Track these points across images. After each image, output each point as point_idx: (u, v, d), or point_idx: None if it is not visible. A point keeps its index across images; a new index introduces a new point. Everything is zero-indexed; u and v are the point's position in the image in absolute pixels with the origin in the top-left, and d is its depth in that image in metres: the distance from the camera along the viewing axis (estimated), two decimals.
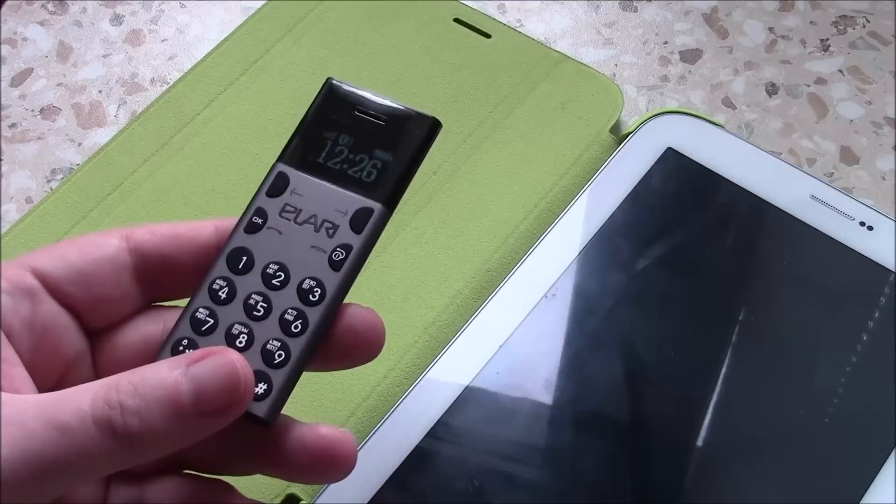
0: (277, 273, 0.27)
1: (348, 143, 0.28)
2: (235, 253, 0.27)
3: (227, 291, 0.27)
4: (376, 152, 0.28)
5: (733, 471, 0.38)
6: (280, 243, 0.27)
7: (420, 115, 0.28)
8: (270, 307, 0.27)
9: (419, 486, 0.37)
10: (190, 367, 0.24)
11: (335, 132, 0.28)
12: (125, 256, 0.27)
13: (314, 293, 0.27)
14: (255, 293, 0.27)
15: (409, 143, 0.28)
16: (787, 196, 0.43)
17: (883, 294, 0.41)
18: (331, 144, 0.28)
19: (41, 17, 0.53)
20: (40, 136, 0.49)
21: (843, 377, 0.39)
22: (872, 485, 0.37)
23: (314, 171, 0.28)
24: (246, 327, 0.27)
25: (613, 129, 0.47)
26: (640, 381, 0.40)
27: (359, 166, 0.28)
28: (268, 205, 0.28)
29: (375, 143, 0.28)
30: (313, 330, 0.27)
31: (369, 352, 0.28)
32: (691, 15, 0.52)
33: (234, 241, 0.27)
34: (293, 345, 0.26)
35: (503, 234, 0.44)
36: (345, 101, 0.28)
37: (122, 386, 0.24)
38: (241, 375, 0.25)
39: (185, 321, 0.27)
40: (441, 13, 0.50)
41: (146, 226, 0.28)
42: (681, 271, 0.42)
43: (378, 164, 0.28)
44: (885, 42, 0.50)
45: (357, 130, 0.28)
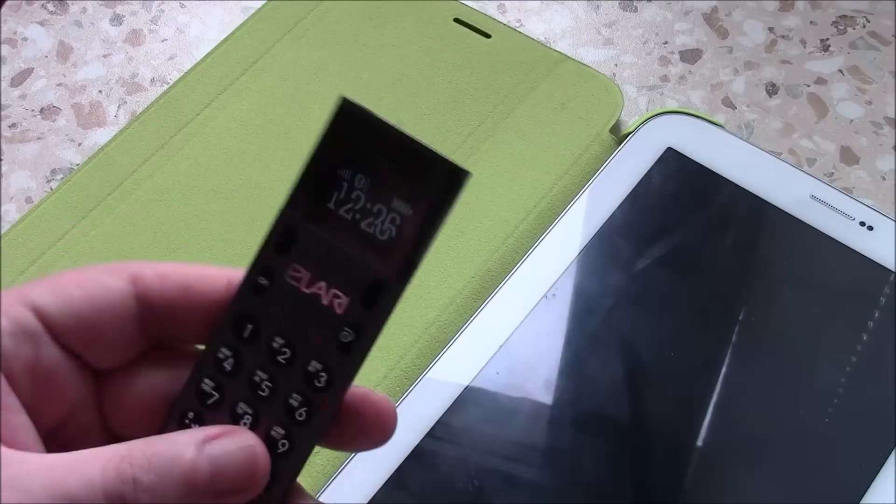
0: (283, 349, 0.25)
1: (364, 186, 0.24)
2: (241, 319, 0.25)
3: (232, 363, 0.25)
4: (395, 203, 0.24)
5: (733, 471, 0.38)
6: (287, 312, 0.25)
7: (447, 163, 0.23)
8: (276, 388, 0.25)
9: (419, 486, 0.37)
10: (207, 445, 0.24)
11: (350, 170, 0.24)
12: (131, 303, 0.26)
13: (320, 378, 0.25)
14: (260, 370, 0.25)
15: (432, 197, 0.23)
16: (787, 196, 0.43)
17: (883, 294, 0.41)
18: (346, 187, 0.24)
19: (41, 17, 0.53)
20: (40, 136, 0.49)
21: (843, 377, 0.39)
22: (872, 485, 0.37)
23: (324, 221, 0.24)
24: (251, 407, 0.25)
25: (613, 129, 0.47)
26: (640, 381, 0.40)
27: (374, 219, 0.24)
28: (274, 262, 0.25)
29: (394, 190, 0.24)
30: (318, 419, 0.25)
31: (378, 440, 0.27)
32: (691, 15, 0.52)
33: (240, 304, 0.25)
34: (297, 434, 0.25)
35: (503, 234, 0.44)
36: (362, 132, 0.24)
37: (135, 459, 0.23)
38: (259, 459, 0.24)
39: (190, 391, 0.26)
40: (441, 13, 0.50)
41: (156, 267, 0.26)
42: (681, 271, 0.42)
43: (396, 218, 0.24)
44: (885, 42, 0.50)
45: (374, 171, 0.24)
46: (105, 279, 0.26)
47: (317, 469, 0.38)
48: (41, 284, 0.26)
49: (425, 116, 0.47)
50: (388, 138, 0.24)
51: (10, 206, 0.47)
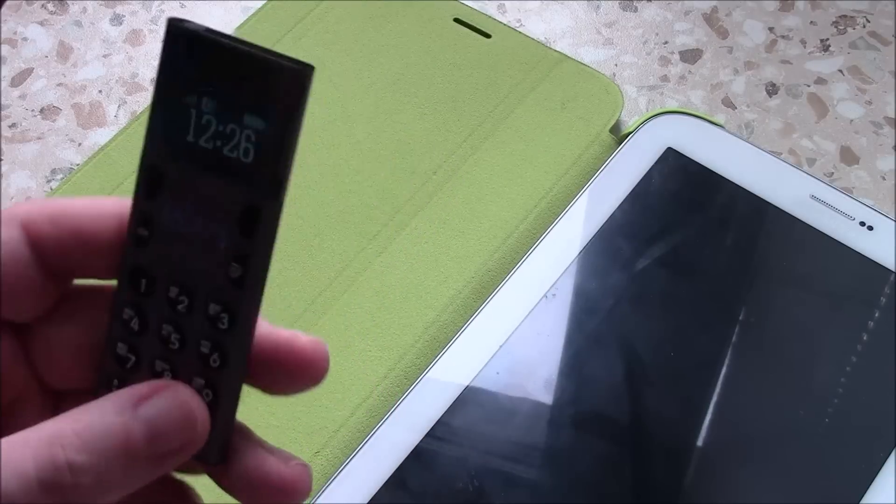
0: (180, 297, 0.24)
1: (213, 108, 0.23)
2: (134, 273, 0.24)
3: (137, 322, 0.24)
4: (246, 119, 0.23)
5: (733, 471, 0.38)
6: (173, 258, 0.24)
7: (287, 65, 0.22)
8: (184, 338, 0.24)
9: (419, 486, 0.37)
10: (139, 408, 0.23)
11: (194, 95, 0.23)
12: (25, 250, 0.24)
13: (222, 319, 0.24)
14: (165, 322, 0.24)
15: (281, 102, 0.22)
16: (787, 196, 0.43)
17: (883, 294, 0.41)
18: (195, 114, 0.23)
19: (41, 17, 0.53)
20: (40, 136, 0.49)
21: (843, 377, 0.39)
22: (872, 485, 0.37)
23: (187, 158, 0.23)
24: (167, 362, 0.24)
25: (613, 129, 0.47)
26: (639, 381, 0.40)
27: (232, 142, 0.23)
28: (149, 209, 0.24)
29: (242, 105, 0.22)
30: (234, 361, 0.24)
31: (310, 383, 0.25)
32: (691, 15, 0.52)
33: (129, 258, 0.24)
34: (218, 380, 0.24)
35: (503, 234, 0.44)
36: (196, 53, 0.23)
37: (66, 440, 0.22)
38: (195, 410, 0.23)
39: (109, 357, 0.25)
40: (441, 13, 0.50)
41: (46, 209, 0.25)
42: (681, 271, 0.42)
43: (252, 135, 0.23)
44: (885, 42, 0.50)
45: (218, 90, 0.23)
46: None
47: (317, 469, 0.38)
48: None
49: (425, 116, 0.47)
50: (223, 53, 0.23)
51: (10, 206, 0.47)
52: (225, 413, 0.24)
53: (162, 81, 0.23)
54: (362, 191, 0.45)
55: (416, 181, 0.45)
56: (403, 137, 0.47)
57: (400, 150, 0.46)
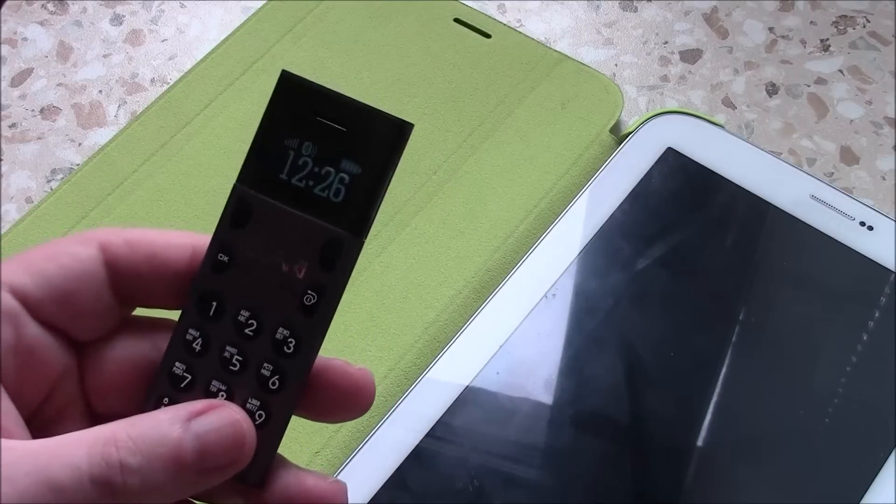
0: (249, 321, 0.25)
1: (311, 152, 0.25)
2: (204, 297, 0.25)
3: (200, 343, 0.25)
4: (343, 164, 0.25)
5: (733, 471, 0.38)
6: (249, 284, 0.25)
7: (389, 119, 0.25)
8: (246, 360, 0.25)
9: (419, 486, 0.37)
10: (191, 423, 0.24)
11: (297, 139, 0.25)
12: (102, 270, 0.26)
13: (288, 344, 0.25)
14: (228, 345, 0.25)
15: (378, 152, 0.25)
16: (787, 196, 0.43)
17: (883, 294, 0.41)
18: (293, 156, 0.25)
19: (41, 17, 0.53)
20: (40, 136, 0.49)
21: (843, 377, 0.39)
22: (872, 485, 0.37)
23: (277, 193, 0.25)
24: (224, 383, 0.25)
25: (613, 129, 0.47)
26: (640, 381, 0.40)
27: (325, 182, 0.25)
28: (232, 238, 0.25)
29: (341, 151, 0.25)
30: (292, 385, 0.25)
31: (356, 411, 0.27)
32: (691, 15, 0.52)
33: (203, 282, 0.26)
34: (273, 402, 0.25)
35: (503, 234, 0.44)
36: (304, 100, 0.25)
37: (120, 442, 0.23)
38: (245, 432, 0.24)
39: (163, 376, 0.26)
40: (441, 13, 0.50)
41: (123, 234, 0.26)
42: (681, 271, 0.42)
43: (346, 178, 0.25)
44: (885, 42, 0.50)
45: (320, 136, 0.25)
46: (75, 249, 0.26)
47: (317, 469, 0.38)
48: (12, 264, 0.25)
49: (425, 116, 0.47)
50: (330, 103, 0.25)
51: (10, 206, 0.47)
52: (273, 436, 0.25)
53: (266, 123, 0.25)
54: None
55: (416, 181, 0.45)
56: None
57: None
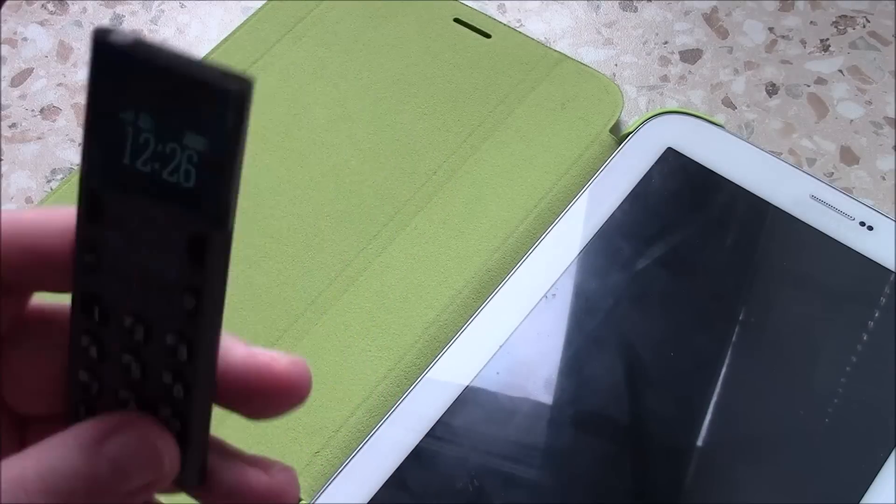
0: (135, 327, 0.22)
1: (150, 126, 0.20)
2: (86, 300, 0.23)
3: (96, 350, 0.23)
4: (187, 138, 0.20)
5: (733, 471, 0.38)
6: (124, 286, 0.22)
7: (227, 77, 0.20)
8: (144, 367, 0.23)
9: (419, 486, 0.37)
10: (103, 446, 0.22)
11: (131, 111, 0.20)
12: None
13: (180, 351, 0.22)
14: (125, 352, 0.23)
15: (219, 120, 0.20)
16: (787, 196, 0.43)
17: (883, 294, 0.41)
18: (132, 133, 0.20)
19: (41, 17, 0.53)
20: (40, 136, 0.49)
21: (843, 377, 0.39)
22: (872, 485, 0.37)
23: (126, 181, 0.21)
24: (131, 390, 0.23)
25: (613, 129, 0.47)
26: (639, 381, 0.40)
27: (172, 163, 0.20)
28: (94, 235, 0.22)
29: (181, 123, 0.20)
30: (198, 389, 0.23)
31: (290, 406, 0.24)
32: (691, 15, 0.52)
33: (80, 283, 0.23)
34: (185, 408, 0.23)
35: (503, 234, 0.44)
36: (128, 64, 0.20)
37: (29, 484, 0.21)
38: (160, 447, 0.22)
39: (73, 384, 0.23)
40: (441, 13, 0.50)
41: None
42: (681, 271, 0.42)
43: (193, 156, 0.20)
44: (885, 42, 0.50)
45: (155, 106, 0.20)
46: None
47: (316, 469, 0.38)
48: None
49: (425, 116, 0.47)
50: (158, 63, 0.20)
51: (10, 206, 0.47)
52: (196, 438, 0.23)
53: (92, 95, 0.21)
54: (362, 191, 0.45)
55: (416, 181, 0.45)
56: (403, 137, 0.47)
57: (400, 150, 0.46)
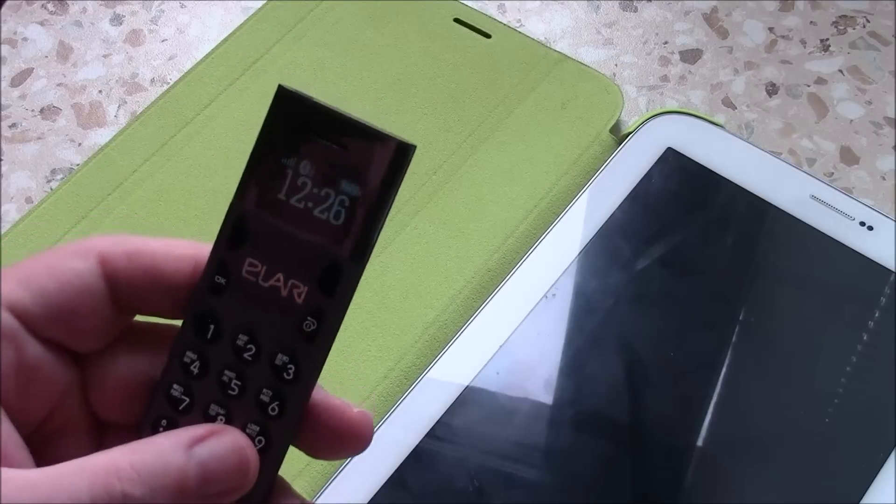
0: (248, 346, 0.25)
1: (310, 172, 0.24)
2: (202, 319, 0.25)
3: (198, 365, 0.25)
4: (343, 185, 0.24)
5: (733, 471, 0.38)
6: (247, 307, 0.24)
7: (390, 139, 0.23)
8: (245, 385, 0.25)
9: (419, 486, 0.37)
10: (194, 449, 0.23)
11: (294, 158, 0.24)
12: (101, 283, 0.25)
13: (288, 370, 0.24)
14: (227, 369, 0.25)
15: (379, 173, 0.23)
16: (787, 196, 0.43)
17: (883, 294, 0.41)
18: (291, 175, 0.24)
19: (41, 17, 0.53)
20: (40, 136, 0.49)
21: (843, 377, 0.39)
22: (872, 485, 0.37)
23: (276, 213, 0.24)
24: (223, 407, 0.25)
25: (613, 129, 0.47)
26: (639, 381, 0.40)
27: (324, 203, 0.24)
28: (230, 259, 0.24)
29: (341, 172, 0.24)
30: (292, 411, 0.25)
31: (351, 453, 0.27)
32: (691, 15, 0.52)
33: (200, 303, 0.25)
34: (273, 428, 0.25)
35: (503, 234, 0.44)
36: (302, 117, 0.24)
37: (123, 472, 0.22)
38: (249, 458, 0.24)
39: (160, 398, 0.25)
40: (441, 13, 0.50)
41: (123, 245, 0.26)
42: (681, 271, 0.42)
43: (346, 200, 0.24)
44: (885, 42, 0.50)
45: (319, 155, 0.24)
46: (74, 264, 0.25)
47: (316, 469, 0.38)
48: (10, 279, 0.25)
49: (425, 116, 0.47)
50: (329, 121, 0.24)
51: (10, 206, 0.47)
52: (274, 461, 0.25)
53: (263, 140, 0.24)
54: None
55: (416, 181, 0.45)
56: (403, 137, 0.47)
57: None
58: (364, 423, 0.26)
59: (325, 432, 0.26)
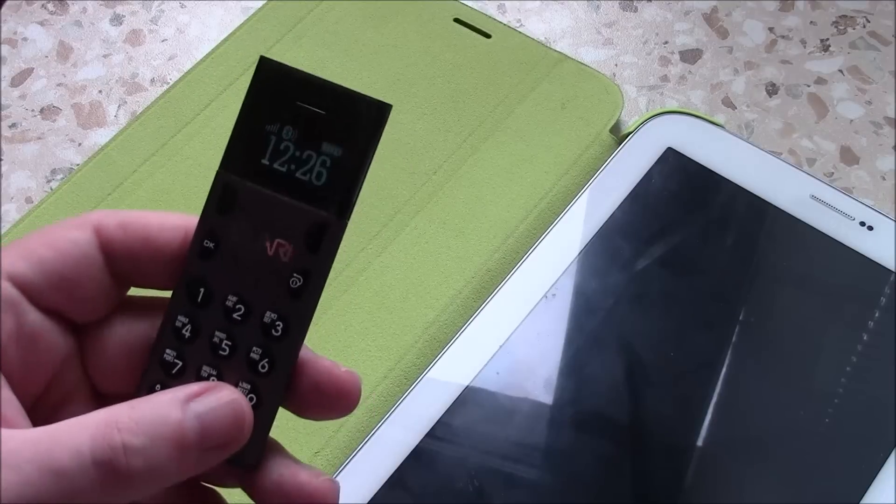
0: (237, 306, 0.26)
1: (292, 136, 0.25)
2: (193, 284, 0.26)
3: (190, 329, 0.26)
4: (324, 147, 0.25)
5: (733, 471, 0.38)
6: (236, 270, 0.26)
7: (367, 101, 0.25)
8: (235, 344, 0.26)
9: (419, 486, 0.37)
10: (190, 404, 0.24)
11: (277, 124, 0.25)
12: (97, 253, 0.26)
13: (276, 327, 0.25)
14: (218, 330, 0.26)
15: (358, 133, 0.25)
16: (787, 196, 0.43)
17: (883, 294, 0.41)
18: (275, 141, 0.25)
19: (41, 17, 0.53)
20: (40, 136, 0.49)
21: (843, 377, 0.39)
22: (872, 485, 0.37)
23: (260, 178, 0.25)
24: (214, 368, 0.26)
25: (613, 129, 0.47)
26: (639, 381, 0.40)
27: (307, 166, 0.25)
28: (218, 224, 0.26)
29: (322, 135, 0.25)
30: (281, 368, 0.26)
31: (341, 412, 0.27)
32: (691, 15, 0.52)
33: (191, 269, 0.26)
34: (263, 385, 0.26)
35: (503, 234, 0.44)
36: (283, 85, 0.25)
37: (122, 424, 0.23)
38: (244, 411, 0.25)
39: (154, 363, 0.26)
40: (441, 13, 0.50)
41: (118, 216, 0.27)
42: (681, 271, 0.42)
43: (327, 161, 0.25)
44: (885, 42, 0.50)
45: (300, 120, 0.25)
46: (72, 234, 0.26)
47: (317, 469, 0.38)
48: (10, 251, 0.26)
49: (425, 116, 0.47)
50: (309, 87, 0.25)
51: (10, 206, 0.47)
52: (265, 417, 0.26)
53: (246, 109, 0.25)
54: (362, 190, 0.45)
55: (416, 181, 0.45)
56: (403, 137, 0.47)
57: (400, 150, 0.46)
58: (351, 382, 0.27)
59: (314, 392, 0.26)
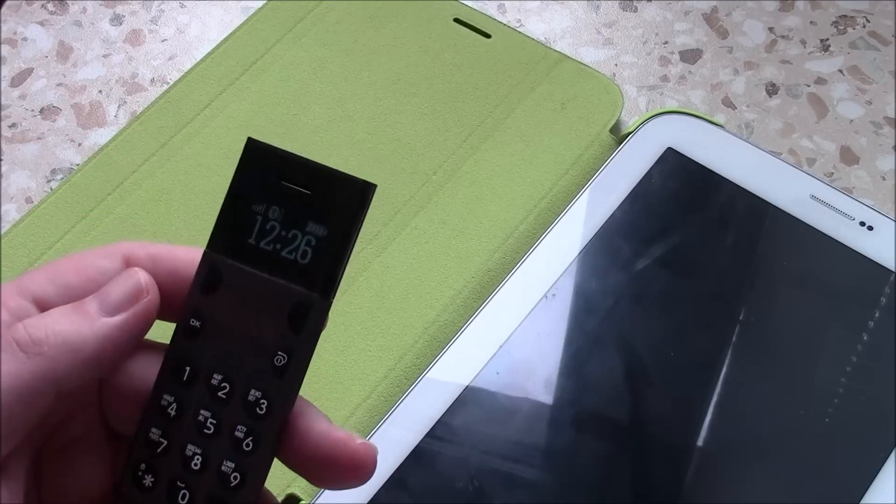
0: (222, 385, 0.26)
1: (278, 216, 0.26)
2: (178, 363, 0.26)
3: (175, 408, 0.26)
4: (309, 226, 0.26)
5: (733, 471, 0.38)
6: (221, 348, 0.26)
7: (351, 181, 0.25)
8: (220, 424, 0.26)
9: (419, 486, 0.37)
10: None
11: (263, 204, 0.26)
12: None
13: (261, 406, 0.26)
14: (203, 409, 0.26)
15: (342, 213, 0.26)
16: (787, 196, 0.43)
17: (883, 294, 0.41)
18: (261, 221, 0.26)
19: (41, 17, 0.53)
20: (40, 136, 0.49)
21: (843, 377, 0.39)
22: (872, 485, 0.37)
23: (246, 257, 0.26)
24: (199, 447, 0.26)
25: (613, 129, 0.47)
26: (639, 381, 0.40)
27: (292, 245, 0.26)
28: (204, 304, 0.26)
29: (307, 214, 0.26)
30: (265, 445, 0.26)
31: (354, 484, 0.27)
32: (691, 15, 0.52)
33: (177, 348, 0.26)
34: (247, 465, 0.26)
35: (503, 234, 0.44)
36: (269, 165, 0.26)
37: None
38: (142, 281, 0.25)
39: (140, 442, 0.26)
40: (441, 13, 0.50)
41: (148, 249, 0.27)
42: (681, 271, 0.42)
43: (312, 240, 0.26)
44: (885, 42, 0.50)
45: (286, 200, 0.26)
46: (100, 263, 0.26)
47: None
48: (39, 274, 0.26)
49: (425, 116, 0.47)
50: (295, 168, 0.26)
51: (10, 206, 0.47)
52: (248, 496, 0.26)
53: (234, 189, 0.26)
54: None
55: (416, 181, 0.45)
56: (403, 137, 0.47)
57: (400, 150, 0.46)
58: (367, 455, 0.26)
59: (329, 464, 0.26)
